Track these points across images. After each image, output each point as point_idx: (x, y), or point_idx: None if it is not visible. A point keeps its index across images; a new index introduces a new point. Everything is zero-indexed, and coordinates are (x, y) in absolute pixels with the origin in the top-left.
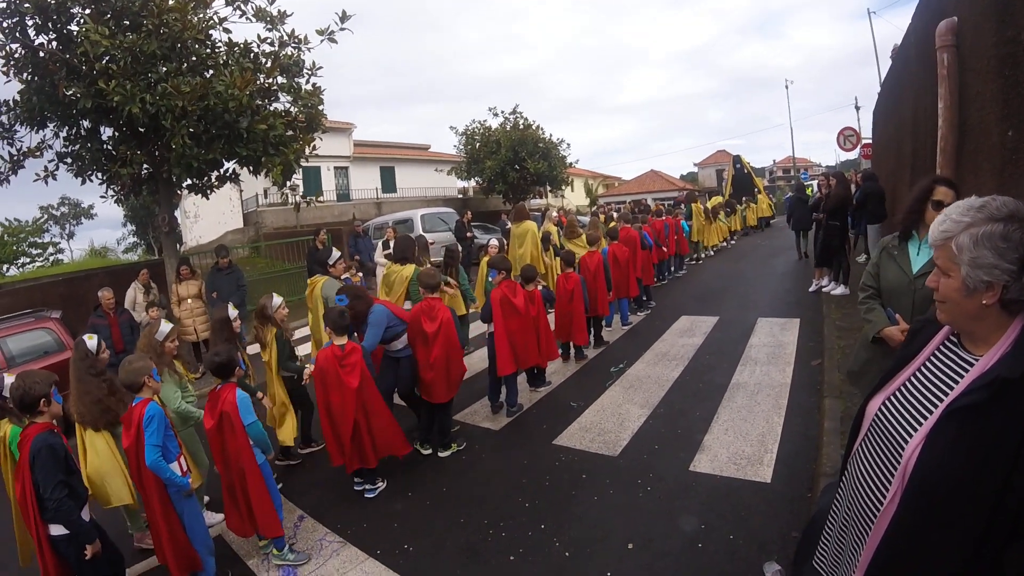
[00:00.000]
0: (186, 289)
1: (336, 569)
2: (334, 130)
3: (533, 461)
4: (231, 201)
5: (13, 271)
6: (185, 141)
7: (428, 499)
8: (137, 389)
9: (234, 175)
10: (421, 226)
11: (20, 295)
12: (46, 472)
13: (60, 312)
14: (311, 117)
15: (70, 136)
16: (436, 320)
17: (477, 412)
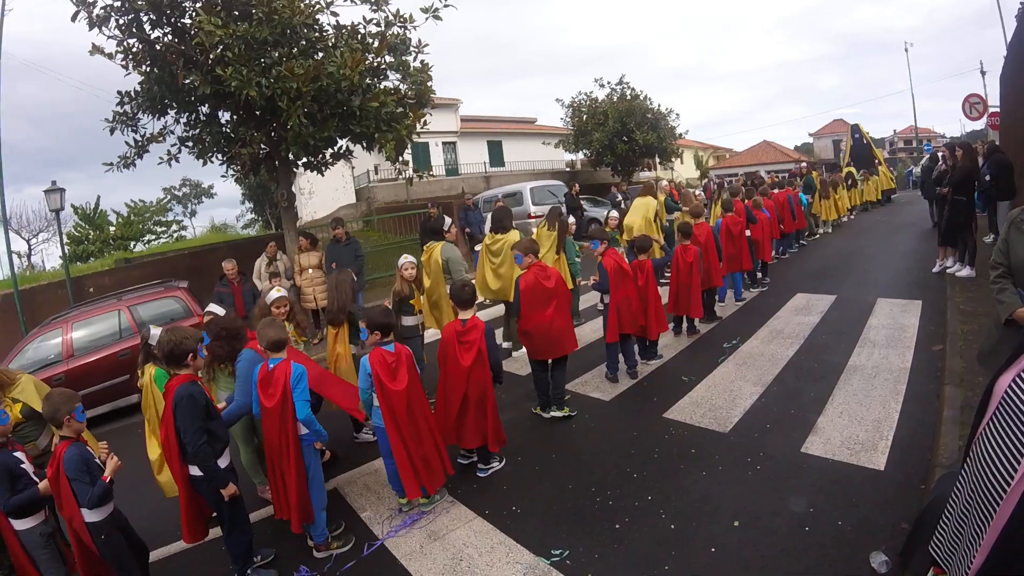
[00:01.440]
0: (307, 260)
1: (446, 525)
2: (441, 106)
3: (643, 433)
4: (344, 177)
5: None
6: (301, 121)
7: (537, 464)
8: (280, 349)
9: (347, 152)
10: (530, 199)
11: (149, 268)
12: (187, 419)
13: (187, 282)
14: (420, 93)
15: (190, 121)
16: (551, 278)
17: (588, 383)
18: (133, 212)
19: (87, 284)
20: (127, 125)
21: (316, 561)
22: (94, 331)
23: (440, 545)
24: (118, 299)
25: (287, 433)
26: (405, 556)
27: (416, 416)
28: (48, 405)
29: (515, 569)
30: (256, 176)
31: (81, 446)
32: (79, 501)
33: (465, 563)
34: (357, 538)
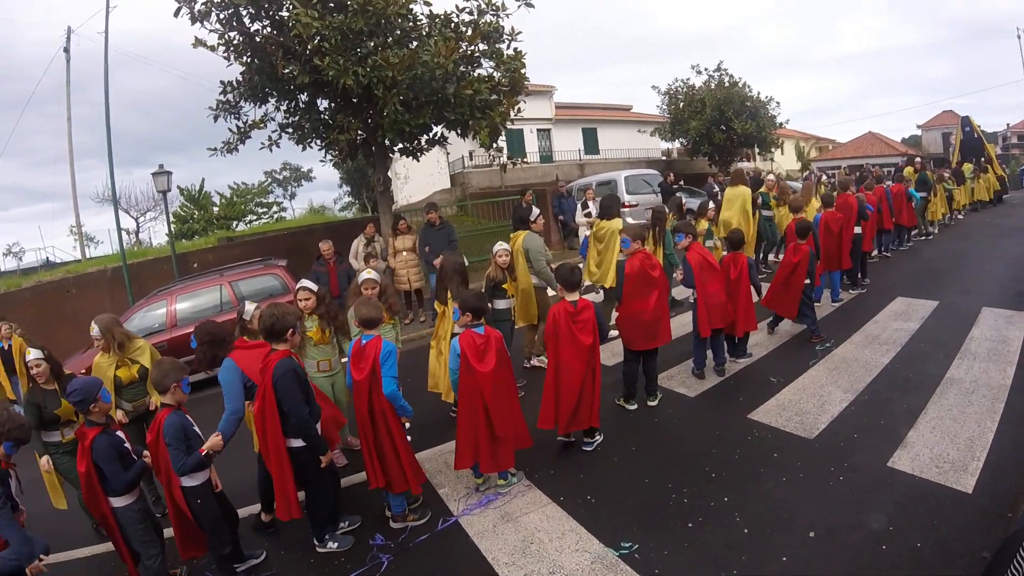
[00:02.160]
0: (401, 242)
1: (520, 508)
2: (535, 93)
3: (725, 432)
4: (439, 163)
5: (241, 227)
6: (396, 108)
7: (616, 455)
8: (374, 325)
9: (442, 138)
10: (625, 188)
11: (250, 246)
12: (289, 392)
13: (285, 261)
14: (514, 81)
15: (290, 109)
16: (657, 267)
17: (673, 377)
18: (236, 194)
19: (191, 260)
20: (230, 113)
21: (391, 531)
22: (196, 303)
23: (512, 527)
24: (220, 275)
25: (376, 405)
26: (477, 534)
27: (501, 398)
28: (157, 372)
29: (583, 557)
30: (353, 161)
31: (182, 415)
32: (173, 467)
33: (535, 546)
34: (433, 513)
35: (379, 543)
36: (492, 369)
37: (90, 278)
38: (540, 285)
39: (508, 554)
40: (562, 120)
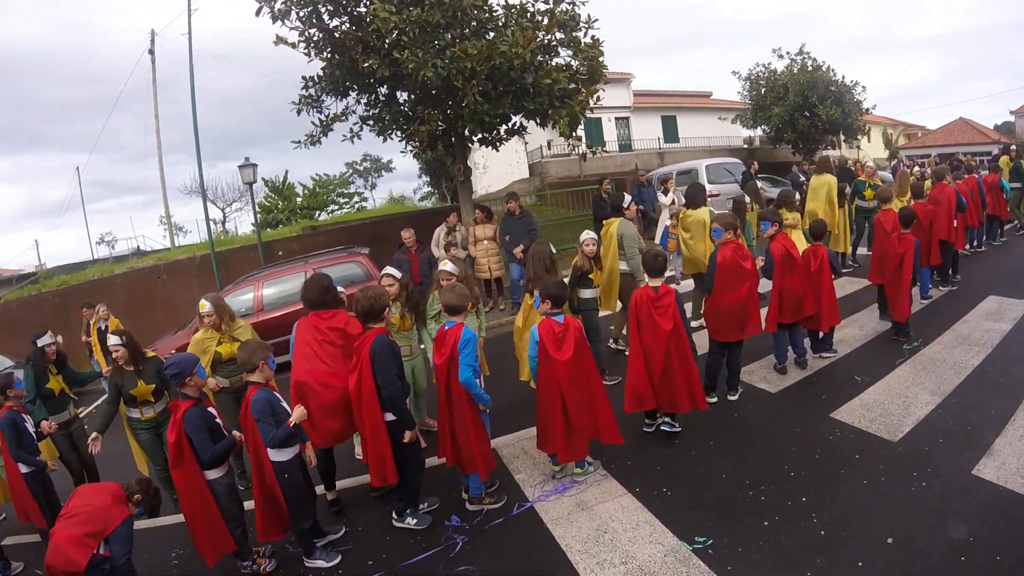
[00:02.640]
0: (482, 231)
1: (595, 497)
2: (613, 81)
3: (806, 430)
4: (517, 153)
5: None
6: (476, 99)
7: (694, 449)
8: (458, 312)
9: (521, 128)
10: (706, 176)
11: (333, 235)
12: (385, 368)
13: (368, 249)
14: (592, 69)
15: (370, 101)
16: (748, 258)
17: (755, 372)
18: (318, 184)
19: (276, 248)
20: (312, 107)
21: (467, 513)
22: (282, 289)
23: (587, 515)
24: (305, 261)
25: (454, 390)
26: (552, 521)
27: (578, 388)
28: (245, 352)
29: (657, 550)
30: (433, 152)
31: (269, 391)
32: (264, 441)
33: (608, 536)
34: (508, 498)
35: (455, 524)
36: (569, 358)
37: (179, 265)
38: (628, 272)
39: (581, 542)
40: (641, 108)
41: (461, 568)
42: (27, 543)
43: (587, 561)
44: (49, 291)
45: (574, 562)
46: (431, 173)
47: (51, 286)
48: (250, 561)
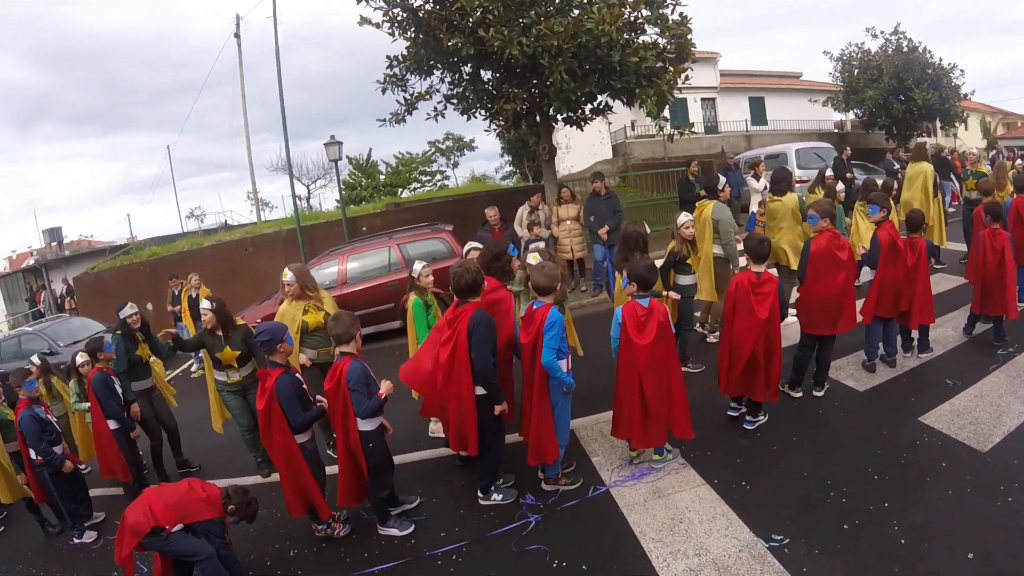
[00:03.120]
0: (565, 211)
1: (672, 486)
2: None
3: (893, 433)
4: (600, 133)
5: (406, 193)
6: (562, 77)
7: (776, 444)
8: (546, 293)
9: (606, 107)
10: (795, 161)
11: (416, 211)
12: (482, 344)
13: (452, 226)
14: (680, 47)
15: (454, 80)
16: (845, 248)
17: (842, 368)
18: (401, 163)
19: (360, 223)
20: (397, 86)
21: (542, 493)
22: (366, 263)
23: (663, 503)
24: (389, 237)
25: (536, 370)
26: (627, 506)
27: (657, 374)
28: (339, 324)
29: (732, 544)
30: (517, 131)
31: (363, 363)
32: (355, 410)
33: (684, 526)
34: (585, 480)
35: (529, 502)
36: (650, 343)
37: (266, 239)
38: (723, 257)
39: (656, 530)
40: (727, 88)
41: (532, 546)
42: (111, 495)
43: (660, 550)
44: (140, 261)
45: (647, 550)
46: (513, 152)
47: (142, 257)
48: (325, 525)
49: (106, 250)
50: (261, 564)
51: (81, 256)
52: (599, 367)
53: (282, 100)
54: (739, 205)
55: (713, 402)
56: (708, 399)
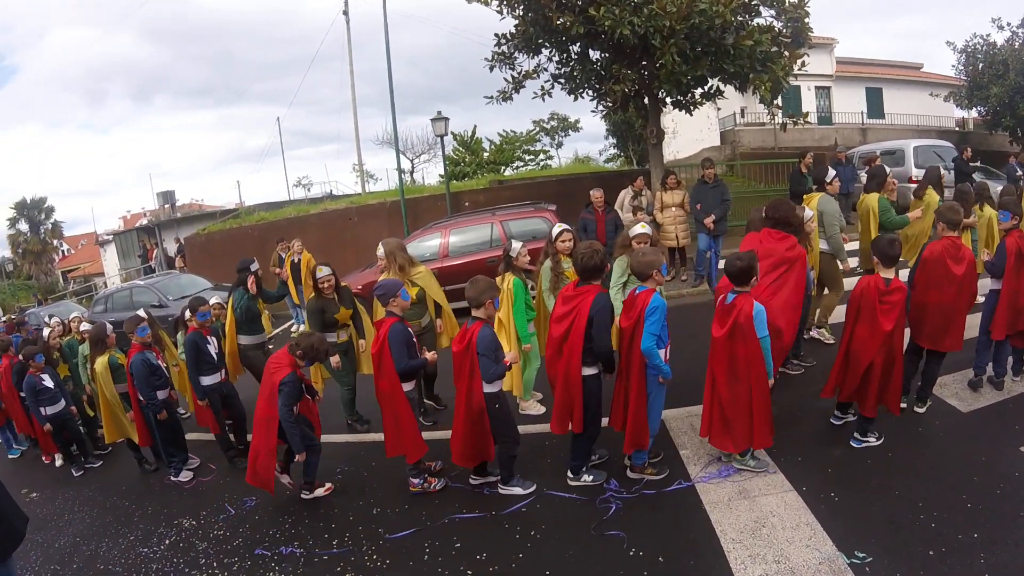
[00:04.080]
0: (671, 197)
1: (759, 488)
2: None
3: (992, 461)
4: (709, 119)
5: (509, 172)
6: (674, 59)
7: (870, 458)
8: (644, 279)
9: (717, 92)
10: (913, 159)
11: (519, 189)
12: (604, 327)
13: (555, 206)
14: (796, 31)
15: (562, 60)
16: (963, 261)
17: (947, 386)
18: (505, 141)
19: (463, 199)
20: (505, 64)
21: (627, 480)
22: (468, 238)
23: (747, 505)
24: (492, 213)
25: (634, 356)
26: (710, 504)
27: (731, 372)
28: (474, 289)
29: (812, 555)
30: (624, 113)
31: (491, 328)
32: (483, 374)
33: (766, 530)
34: (671, 472)
35: (613, 488)
36: (722, 336)
37: (370, 209)
38: (828, 252)
39: (737, 531)
40: (843, 77)
41: (611, 532)
42: (206, 440)
43: (739, 552)
44: (249, 225)
45: (726, 550)
46: (618, 135)
47: (251, 221)
48: (421, 479)
49: (216, 214)
50: (343, 518)
51: (191, 218)
52: (695, 359)
53: (390, 76)
54: (849, 203)
55: (811, 406)
56: (806, 402)
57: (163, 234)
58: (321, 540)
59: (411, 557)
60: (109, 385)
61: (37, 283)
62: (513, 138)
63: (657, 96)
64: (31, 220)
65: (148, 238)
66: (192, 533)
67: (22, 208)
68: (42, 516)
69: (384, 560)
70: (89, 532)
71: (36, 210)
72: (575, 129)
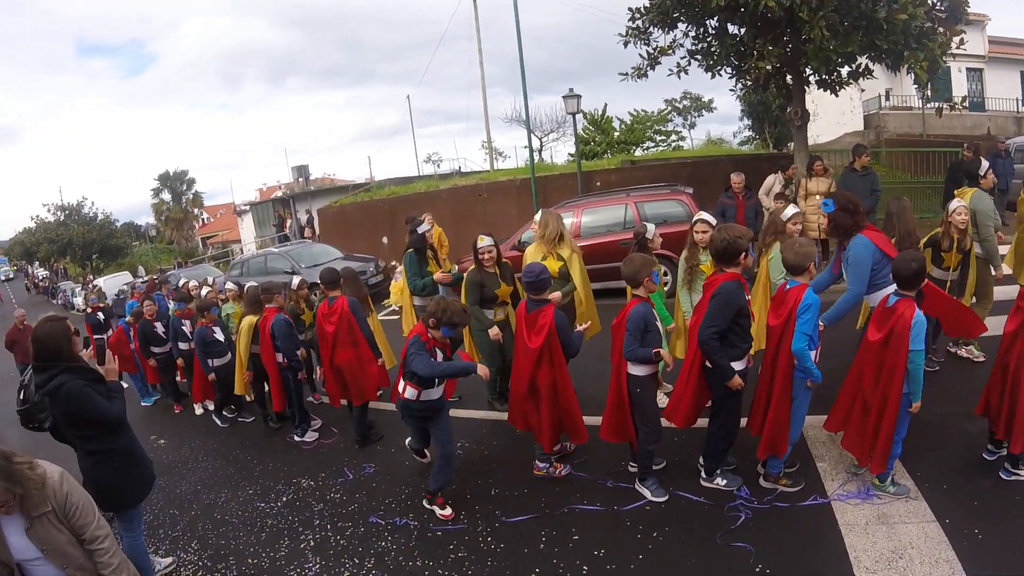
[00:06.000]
0: (816, 185)
1: (899, 514)
2: (967, 23)
3: None
4: (852, 101)
5: (639, 152)
6: (823, 33)
7: (1021, 494)
8: (798, 272)
9: (866, 71)
10: None
11: (652, 170)
12: (715, 310)
13: (692, 189)
14: (953, 6)
15: (699, 35)
16: None
17: None
18: (636, 120)
19: (595, 178)
20: (639, 39)
21: (759, 489)
22: (600, 218)
23: (886, 531)
24: (627, 194)
25: (781, 356)
26: (846, 525)
27: (881, 379)
28: (630, 267)
29: None
30: (765, 91)
31: (648, 307)
32: (624, 351)
33: (903, 563)
34: (806, 485)
35: (744, 496)
36: (877, 342)
37: (500, 186)
38: (981, 256)
39: (872, 559)
40: (997, 59)
41: (738, 543)
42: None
43: None
44: (380, 199)
45: None
46: (753, 116)
47: (382, 195)
48: (547, 464)
49: (347, 187)
50: (461, 495)
51: (324, 191)
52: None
53: (521, 55)
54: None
55: (960, 428)
56: (955, 422)
57: (297, 205)
58: (436, 515)
59: (526, 543)
60: (247, 344)
61: (178, 248)
62: (644, 117)
63: (802, 74)
64: (173, 191)
65: (283, 208)
66: (309, 493)
67: (165, 180)
68: (167, 462)
69: (499, 543)
70: (210, 481)
71: (178, 181)
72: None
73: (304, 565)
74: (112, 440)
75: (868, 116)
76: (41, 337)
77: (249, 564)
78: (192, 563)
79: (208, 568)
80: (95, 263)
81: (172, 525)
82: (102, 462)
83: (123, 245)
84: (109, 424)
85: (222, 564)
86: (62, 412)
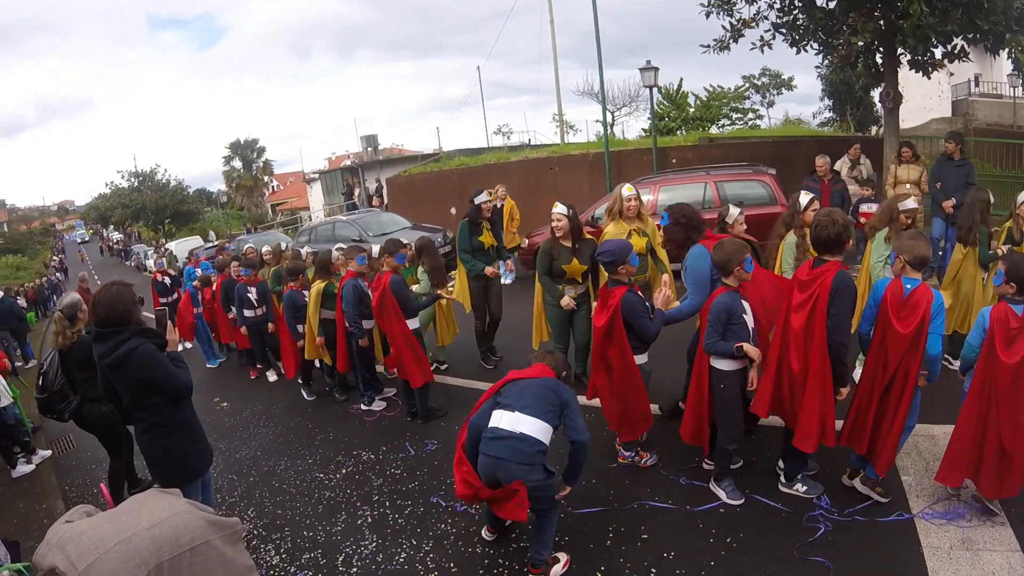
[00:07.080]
0: (905, 172)
1: (984, 541)
2: None
3: None
4: (940, 85)
5: (715, 129)
6: (922, 9)
7: None
8: (920, 268)
9: (962, 52)
10: None
11: (730, 149)
12: (842, 312)
13: (774, 170)
14: None
15: (784, 7)
16: None
17: None
18: (712, 97)
19: (670, 155)
20: (722, 9)
21: (840, 500)
22: (678, 196)
23: (969, 558)
24: (706, 172)
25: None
26: (929, 547)
27: (1017, 403)
28: (720, 253)
29: None
30: (854, 70)
31: (735, 297)
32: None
33: None
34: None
35: (824, 506)
36: (1016, 363)
37: (571, 160)
38: None
39: None
40: None
41: (815, 557)
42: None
43: None
44: (449, 169)
45: None
46: (835, 96)
47: (451, 166)
48: (633, 452)
49: (416, 158)
50: None
51: (392, 161)
52: None
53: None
54: None
55: None
56: None
57: (365, 175)
58: None
59: (592, 538)
60: (316, 309)
61: (248, 214)
62: (720, 94)
63: (895, 53)
64: (244, 159)
65: (351, 177)
66: (369, 467)
67: (236, 148)
68: (228, 425)
69: (563, 535)
70: (271, 448)
71: (249, 150)
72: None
73: (360, 542)
74: (174, 413)
75: (956, 102)
76: (108, 300)
77: (304, 536)
78: (247, 531)
79: (263, 537)
80: (167, 227)
81: (230, 490)
82: (162, 437)
83: (195, 211)
84: (179, 393)
85: (277, 535)
86: (132, 379)
